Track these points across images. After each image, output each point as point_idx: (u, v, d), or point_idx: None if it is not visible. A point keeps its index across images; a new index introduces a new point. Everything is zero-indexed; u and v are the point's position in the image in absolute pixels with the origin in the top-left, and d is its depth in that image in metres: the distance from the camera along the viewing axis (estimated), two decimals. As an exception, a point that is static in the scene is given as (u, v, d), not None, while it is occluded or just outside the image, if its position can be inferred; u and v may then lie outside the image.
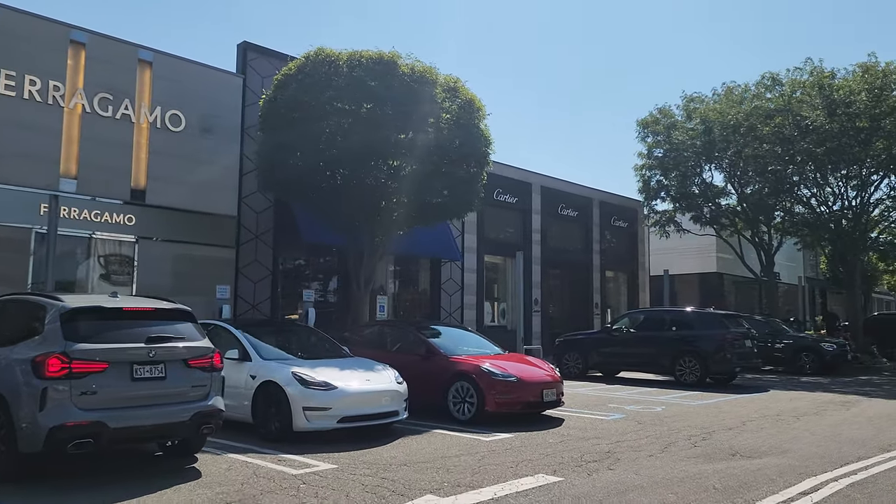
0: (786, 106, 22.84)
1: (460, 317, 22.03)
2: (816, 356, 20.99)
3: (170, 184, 15.38)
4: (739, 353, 16.59)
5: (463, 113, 14.59)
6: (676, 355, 16.80)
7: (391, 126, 13.67)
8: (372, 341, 12.21)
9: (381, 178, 13.75)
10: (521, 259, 20.11)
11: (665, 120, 25.87)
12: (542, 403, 10.56)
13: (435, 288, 21.66)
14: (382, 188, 13.99)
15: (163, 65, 15.55)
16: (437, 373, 10.78)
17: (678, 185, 26.01)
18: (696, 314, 17.72)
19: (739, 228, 26.75)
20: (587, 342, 18.60)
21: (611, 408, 12.43)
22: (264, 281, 17.23)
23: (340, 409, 8.65)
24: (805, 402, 13.67)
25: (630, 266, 30.27)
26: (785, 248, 35.03)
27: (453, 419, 10.48)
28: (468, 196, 15.21)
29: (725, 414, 11.88)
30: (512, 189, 24.35)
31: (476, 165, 15.02)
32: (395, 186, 14.07)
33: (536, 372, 10.91)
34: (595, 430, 9.97)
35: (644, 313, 18.90)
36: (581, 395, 14.32)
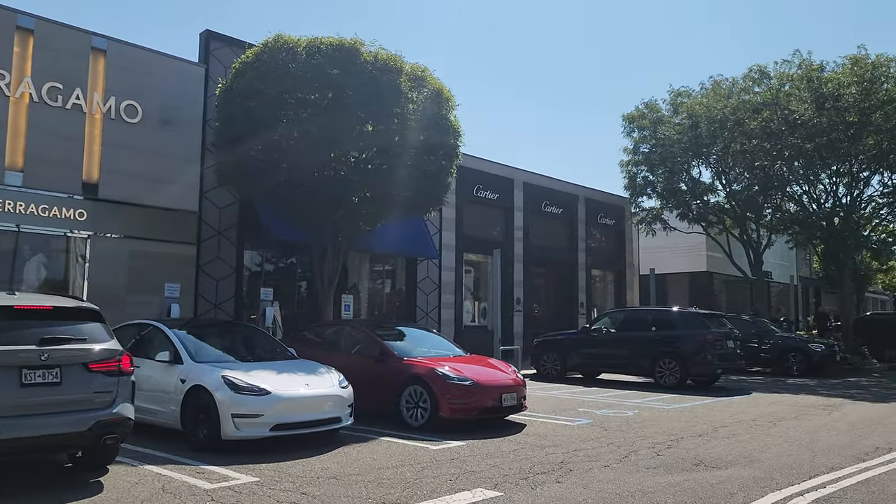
0: (773, 100, 22.20)
1: (437, 316, 21.40)
2: (804, 357, 20.37)
3: (125, 177, 14.71)
4: (721, 354, 15.96)
5: (430, 103, 13.95)
6: (656, 356, 16.17)
7: (352, 116, 13.03)
8: (325, 342, 11.57)
9: (341, 171, 13.09)
10: (499, 257, 19.47)
11: (651, 114, 25.23)
12: (502, 408, 9.91)
13: (411, 287, 21.01)
14: (344, 182, 13.34)
15: (118, 53, 14.88)
16: (390, 376, 10.14)
17: (665, 182, 25.37)
18: (677, 314, 17.08)
19: (728, 226, 26.11)
20: (566, 343, 17.96)
21: (580, 412, 11.79)
22: (228, 279, 16.57)
23: (274, 416, 8.00)
24: (785, 406, 13.03)
25: (617, 264, 29.63)
26: (778, 247, 34.47)
27: (407, 426, 9.84)
28: (436, 190, 14.59)
29: (699, 419, 11.25)
30: (493, 185, 23.71)
31: (445, 158, 14.37)
32: (358, 180, 13.42)
33: (496, 375, 10.26)
34: (555, 438, 9.32)
35: (624, 313, 18.26)
36: (553, 399, 13.68)
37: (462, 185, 22.51)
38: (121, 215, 14.70)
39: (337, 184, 13.30)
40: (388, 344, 10.59)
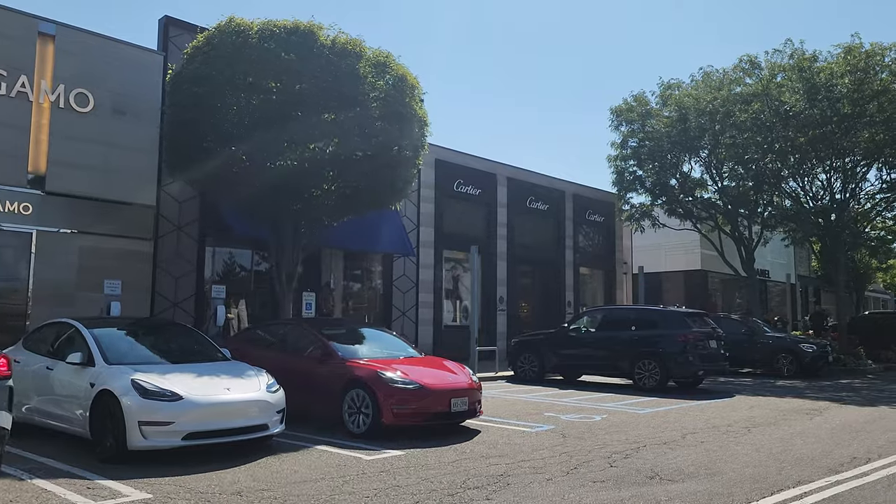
0: (764, 91, 21.39)
1: (415, 316, 20.68)
2: (795, 358, 19.59)
3: (75, 169, 14.01)
4: (703, 355, 15.19)
5: (394, 91, 13.23)
6: (635, 357, 15.41)
7: (307, 104, 12.35)
8: (270, 342, 10.84)
9: (294, 162, 12.36)
10: (477, 253, 18.73)
11: (640, 108, 24.41)
12: (451, 414, 9.17)
13: (387, 285, 20.29)
14: (299, 172, 12.61)
15: (68, 39, 14.19)
16: (333, 378, 9.41)
17: (655, 177, 24.56)
18: (657, 312, 16.31)
19: (720, 223, 25.27)
20: (543, 343, 17.21)
21: (544, 417, 11.05)
22: (187, 277, 15.87)
23: (186, 424, 7.28)
24: (766, 410, 12.27)
25: (607, 263, 28.88)
26: (776, 245, 33.62)
27: (350, 433, 9.11)
28: (400, 183, 13.86)
29: (670, 424, 10.50)
30: (474, 180, 22.97)
31: (410, 149, 13.64)
32: (315, 171, 12.69)
33: (447, 378, 9.53)
34: (505, 446, 8.58)
35: (603, 312, 17.49)
36: (521, 403, 12.94)
37: (442, 180, 21.83)
38: (70, 209, 14.01)
39: (292, 175, 12.58)
40: (332, 344, 9.86)
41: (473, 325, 18.46)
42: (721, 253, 25.47)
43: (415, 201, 21.01)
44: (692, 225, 25.71)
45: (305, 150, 12.54)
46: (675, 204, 25.01)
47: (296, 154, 12.46)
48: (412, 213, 20.93)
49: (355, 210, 14.26)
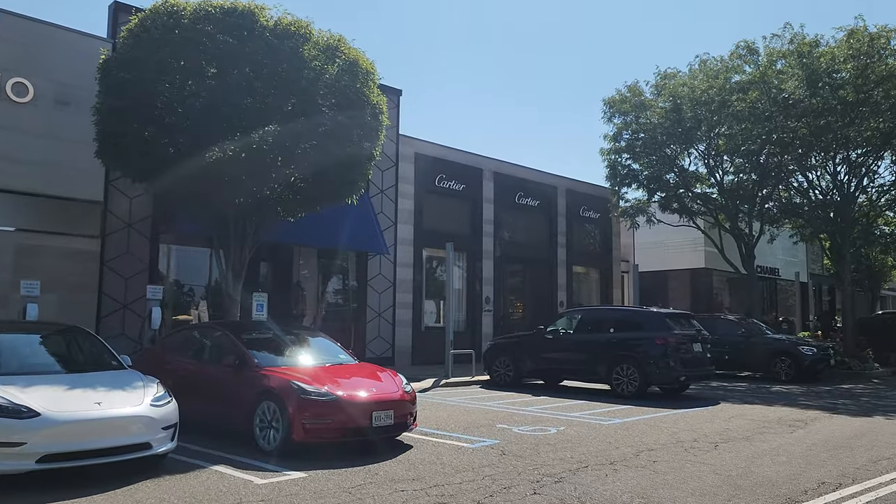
0: (761, 78, 20.18)
1: (392, 317, 19.72)
2: (793, 361, 18.40)
3: (12, 163, 13.27)
4: (685, 360, 14.09)
5: (345, 76, 12.26)
6: (613, 362, 14.35)
7: (247, 90, 11.43)
8: (188, 348, 9.92)
9: (230, 152, 11.44)
10: (452, 250, 17.73)
11: (634, 98, 23.26)
12: (372, 429, 8.17)
13: (361, 285, 19.34)
14: (238, 164, 11.68)
15: (4, 24, 13.43)
16: (245, 389, 8.48)
17: (650, 171, 23.41)
18: (636, 313, 15.22)
19: (721, 219, 24.04)
20: (519, 346, 16.20)
21: (495, 430, 10.04)
22: (139, 276, 15.02)
23: (43, 444, 6.36)
24: (746, 421, 11.16)
25: (603, 261, 27.73)
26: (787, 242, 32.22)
27: (261, 450, 8.16)
28: (353, 175, 12.89)
29: (630, 438, 9.45)
30: (458, 175, 21.97)
31: (366, 139, 12.67)
32: (255, 162, 11.74)
33: (370, 389, 8.54)
34: (427, 467, 7.60)
35: (581, 313, 16.40)
36: (480, 412, 11.94)
37: (422, 175, 20.88)
38: (7, 205, 13.26)
39: (231, 166, 11.65)
40: (250, 351, 8.91)
41: (448, 326, 17.50)
42: (721, 250, 24.27)
43: (392, 197, 20.07)
44: (691, 221, 24.51)
45: (244, 140, 11.62)
46: (672, 199, 23.85)
47: (234, 143, 11.54)
48: (389, 209, 19.98)
49: (307, 205, 13.35)
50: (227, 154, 11.45)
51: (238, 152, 11.49)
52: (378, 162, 19.60)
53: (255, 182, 11.94)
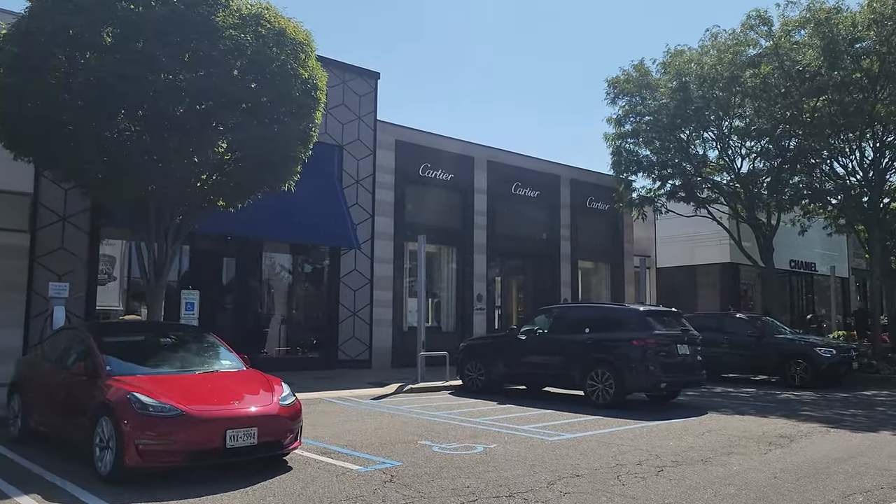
0: (775, 50, 18.21)
1: (368, 316, 18.39)
2: (809, 364, 16.43)
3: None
4: (667, 364, 12.37)
5: (268, 47, 10.94)
6: (587, 366, 12.73)
7: (149, 62, 10.18)
8: (52, 353, 8.70)
9: (126, 133, 10.22)
10: (424, 243, 16.30)
11: (640, 78, 21.45)
12: (225, 451, 6.80)
13: (333, 282, 18.04)
14: (141, 147, 10.48)
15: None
16: (88, 402, 7.21)
17: (658, 157, 21.59)
18: (614, 311, 13.56)
19: (739, 209, 22.02)
20: (491, 349, 14.70)
21: (409, 448, 8.58)
22: (75, 274, 14.01)
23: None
24: (719, 438, 9.47)
25: (613, 255, 25.88)
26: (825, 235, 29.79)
27: (98, 475, 6.87)
28: (283, 161, 11.54)
29: (561, 461, 7.90)
30: (445, 164, 20.50)
31: (292, 116, 11.34)
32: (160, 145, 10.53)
33: (233, 402, 7.18)
34: (280, 500, 6.21)
35: (557, 311, 14.76)
36: (413, 423, 10.48)
37: (403, 164, 19.51)
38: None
39: (134, 150, 10.47)
40: (105, 357, 7.62)
41: (420, 326, 16.09)
42: (738, 242, 22.30)
43: (369, 187, 18.73)
44: (706, 212, 22.54)
45: (149, 121, 10.41)
46: (682, 188, 21.97)
47: (135, 124, 10.35)
48: (366, 200, 18.65)
49: (239, 192, 12.07)
50: (124, 136, 10.27)
51: (139, 133, 10.31)
52: (353, 150, 18.51)
53: (165, 167, 10.71)
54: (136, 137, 10.28)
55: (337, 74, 18.31)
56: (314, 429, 9.77)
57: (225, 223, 14.56)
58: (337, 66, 18.35)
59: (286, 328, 17.71)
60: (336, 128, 18.12)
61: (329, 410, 11.76)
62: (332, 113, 18.06)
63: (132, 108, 10.25)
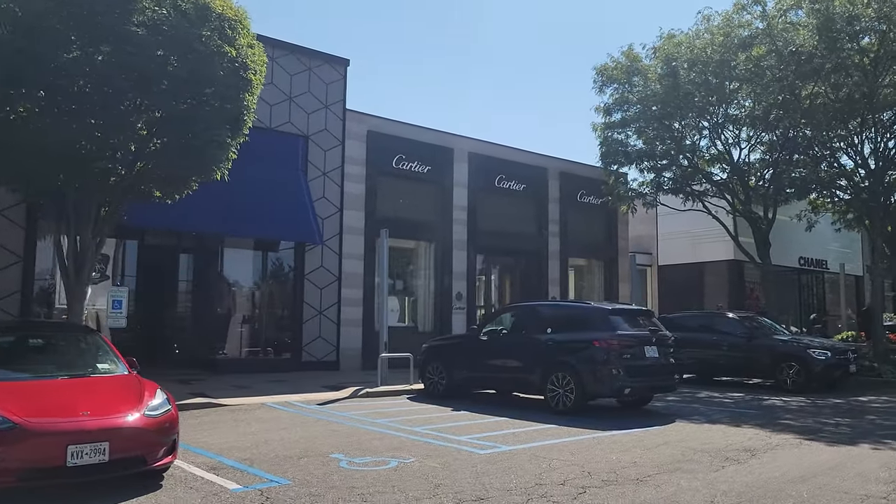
0: (767, 31, 17.04)
1: (336, 315, 17.49)
2: (802, 367, 15.25)
3: None
4: (632, 367, 11.28)
5: (189, 23, 10.06)
6: (548, 369, 11.71)
7: (53, 38, 9.35)
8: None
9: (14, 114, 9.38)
10: (386, 237, 15.37)
11: (630, 65, 20.32)
12: (68, 469, 5.90)
13: (297, 279, 17.15)
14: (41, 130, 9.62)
15: None
16: (-74, 411, 6.35)
17: (647, 147, 20.46)
18: (576, 309, 12.49)
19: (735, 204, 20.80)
20: (453, 350, 13.74)
21: (312, 462, 7.65)
22: (11, 269, 13.27)
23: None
24: (671, 452, 8.41)
25: (606, 252, 24.75)
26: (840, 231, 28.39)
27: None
28: (208, 149, 10.61)
29: (471, 481, 6.92)
30: (422, 155, 19.54)
31: (217, 97, 10.44)
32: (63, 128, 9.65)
33: (84, 413, 6.27)
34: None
35: (518, 310, 13.75)
36: (340, 434, 9.54)
37: (375, 155, 18.59)
38: None
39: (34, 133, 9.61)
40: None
41: (383, 326, 15.16)
42: (735, 237, 21.14)
43: (337, 180, 17.82)
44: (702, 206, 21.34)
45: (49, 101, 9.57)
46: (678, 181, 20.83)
47: (37, 102, 9.52)
48: (334, 193, 17.74)
49: (162, 183, 11.21)
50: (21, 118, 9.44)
51: (39, 115, 9.47)
52: (319, 140, 17.61)
53: (73, 152, 9.86)
54: (36, 119, 9.42)
55: (302, 61, 17.46)
56: (226, 438, 8.91)
57: (175, 217, 13.78)
58: (302, 52, 17.52)
59: (248, 328, 16.86)
60: (301, 117, 17.23)
61: (263, 417, 10.88)
62: (297, 101, 17.21)
63: (31, 87, 9.40)
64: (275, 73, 16.82)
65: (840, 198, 22.00)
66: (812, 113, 17.52)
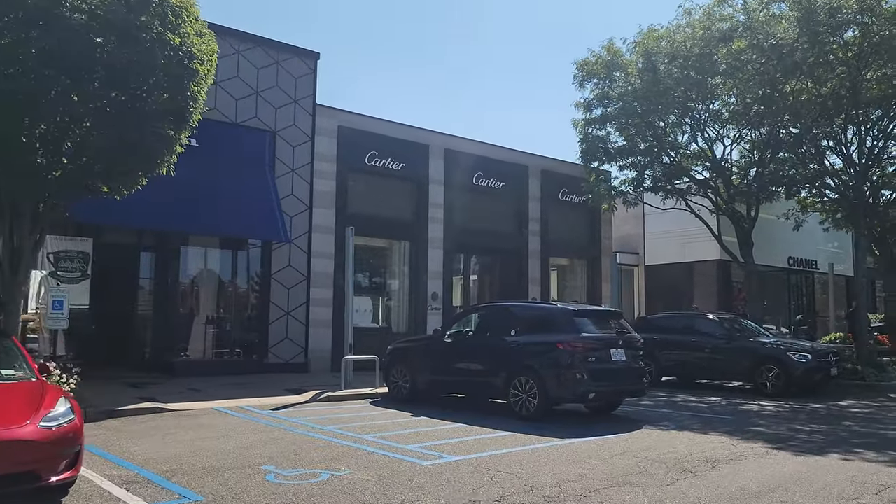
0: (748, 24, 16.53)
1: (304, 316, 16.97)
2: (782, 370, 14.76)
3: None
4: (597, 371, 10.78)
5: (122, 8, 9.48)
6: (511, 373, 11.20)
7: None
8: None
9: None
10: (352, 236, 14.84)
11: (611, 60, 19.78)
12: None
13: (264, 279, 16.63)
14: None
15: None
16: None
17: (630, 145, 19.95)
18: (540, 311, 11.95)
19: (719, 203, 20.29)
20: (418, 352, 13.21)
21: (241, 476, 7.13)
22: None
23: None
24: (630, 462, 7.90)
25: (589, 251, 24.24)
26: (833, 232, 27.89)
27: None
28: (142, 137, 10.05)
29: (412, 493, 6.41)
30: (396, 152, 19.02)
31: (158, 88, 9.90)
32: None
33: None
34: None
35: (483, 311, 13.24)
36: (282, 442, 9.02)
37: (347, 151, 18.09)
38: None
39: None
40: None
41: (348, 327, 14.64)
42: (718, 237, 20.64)
43: (307, 177, 17.29)
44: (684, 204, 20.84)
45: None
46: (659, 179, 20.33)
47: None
48: (303, 190, 17.22)
49: (106, 178, 10.65)
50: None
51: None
52: (288, 136, 17.09)
53: (1, 144, 9.33)
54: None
55: (270, 54, 16.94)
56: (156, 447, 8.38)
57: (130, 213, 13.26)
58: (270, 45, 17.00)
59: (212, 329, 16.33)
60: (268, 112, 16.71)
61: (208, 423, 10.34)
62: (264, 95, 16.69)
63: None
64: (240, 66, 16.35)
65: (829, 197, 21.50)
66: (795, 108, 17.01)
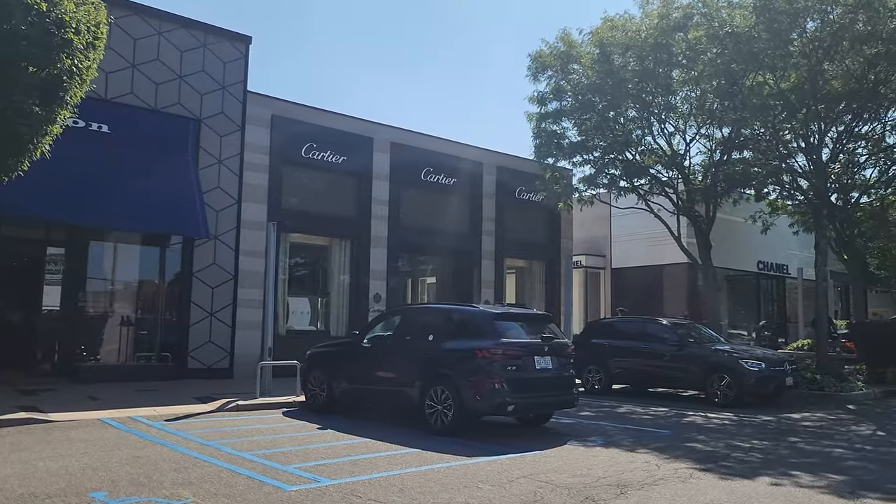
0: (704, 12, 15.63)
1: (231, 318, 15.81)
2: (733, 379, 13.82)
3: None
4: (518, 380, 9.73)
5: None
6: (427, 383, 10.14)
7: None
8: None
9: None
10: (274, 231, 13.74)
11: (566, 51, 18.82)
12: None
13: (185, 278, 15.46)
14: None
15: None
16: None
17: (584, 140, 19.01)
18: (463, 314, 10.81)
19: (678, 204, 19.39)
20: (334, 358, 12.13)
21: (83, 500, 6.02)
22: None
23: None
24: (528, 487, 6.86)
25: (546, 252, 23.24)
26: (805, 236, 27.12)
27: None
28: (4, 115, 8.90)
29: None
30: (337, 145, 17.92)
31: (25, 60, 8.75)
32: None
33: None
34: None
35: (403, 313, 12.18)
36: (152, 461, 7.89)
37: (281, 143, 16.98)
38: None
39: None
40: None
41: (266, 329, 13.56)
42: (678, 238, 19.73)
43: (235, 169, 16.15)
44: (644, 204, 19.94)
45: None
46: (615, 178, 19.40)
47: None
48: (231, 183, 16.07)
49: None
50: None
51: None
52: (214, 124, 15.93)
53: None
54: None
55: (195, 36, 15.80)
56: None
57: (31, 204, 12.14)
58: (196, 26, 15.85)
59: (126, 331, 15.14)
60: (193, 98, 15.56)
61: (78, 437, 9.18)
62: (188, 80, 15.54)
63: None
64: (161, 48, 15.21)
65: (797, 199, 20.71)
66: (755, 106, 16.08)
